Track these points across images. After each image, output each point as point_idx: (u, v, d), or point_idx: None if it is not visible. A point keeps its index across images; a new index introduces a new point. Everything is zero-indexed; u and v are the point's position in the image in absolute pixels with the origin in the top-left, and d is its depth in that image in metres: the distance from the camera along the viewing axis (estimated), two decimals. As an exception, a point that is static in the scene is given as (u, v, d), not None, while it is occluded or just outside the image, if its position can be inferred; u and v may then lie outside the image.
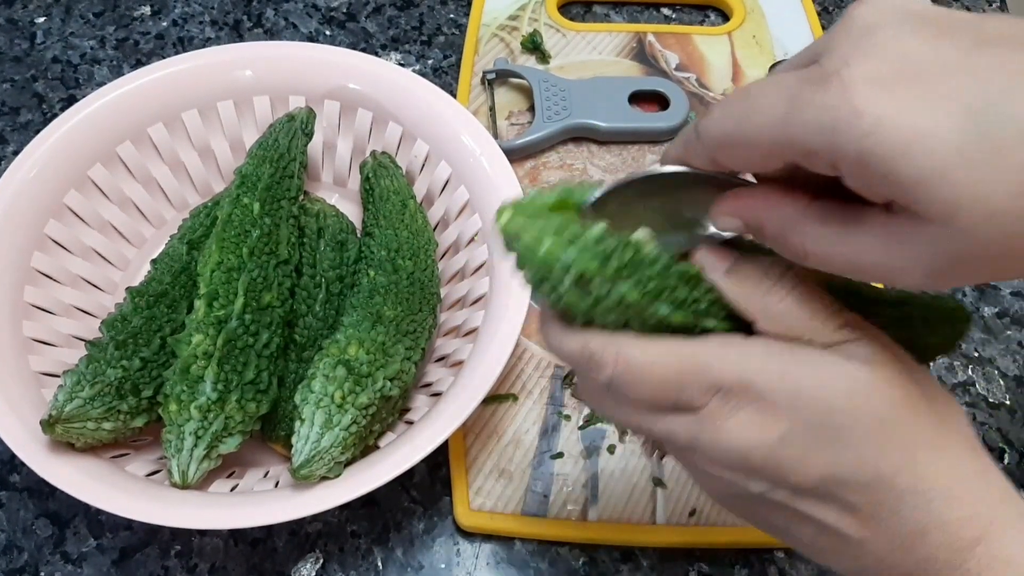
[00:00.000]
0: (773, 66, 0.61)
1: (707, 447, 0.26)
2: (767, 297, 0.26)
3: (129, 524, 0.45)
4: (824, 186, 0.24)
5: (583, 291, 0.27)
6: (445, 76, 0.63)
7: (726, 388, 0.26)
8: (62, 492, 0.38)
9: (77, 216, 0.48)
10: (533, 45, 0.62)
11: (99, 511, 0.43)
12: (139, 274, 0.49)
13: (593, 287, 0.26)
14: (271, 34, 0.65)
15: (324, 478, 0.39)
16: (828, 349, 0.25)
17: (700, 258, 0.28)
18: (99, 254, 0.50)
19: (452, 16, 0.66)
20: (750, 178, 0.28)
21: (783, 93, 0.22)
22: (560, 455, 0.47)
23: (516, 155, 0.57)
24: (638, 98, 0.60)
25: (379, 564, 0.44)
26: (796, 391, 0.25)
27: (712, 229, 0.29)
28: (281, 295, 0.44)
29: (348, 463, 0.40)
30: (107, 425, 0.40)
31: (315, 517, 0.45)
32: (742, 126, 0.24)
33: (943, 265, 0.22)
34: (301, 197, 0.50)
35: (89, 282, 0.49)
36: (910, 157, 0.20)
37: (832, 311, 0.26)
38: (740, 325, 0.28)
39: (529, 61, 0.62)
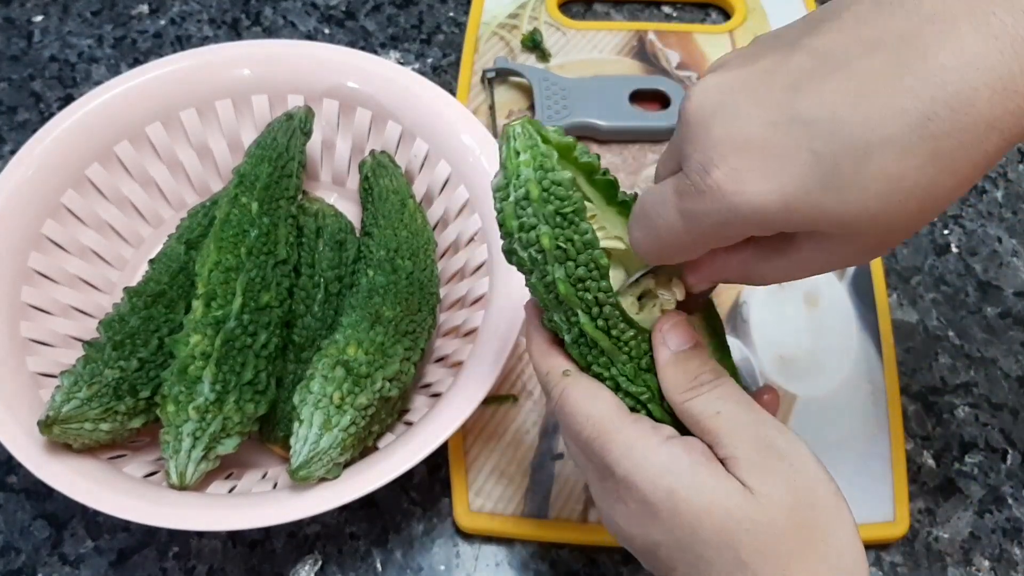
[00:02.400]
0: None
1: (602, 510, 0.32)
2: (688, 393, 0.31)
3: (127, 525, 0.45)
4: None
5: (520, 211, 0.31)
6: (445, 75, 0.63)
7: (617, 479, 0.30)
8: (59, 493, 0.37)
9: (74, 216, 0.48)
10: (533, 43, 0.62)
11: (97, 512, 0.43)
12: (137, 274, 0.49)
13: (526, 213, 0.31)
14: (269, 32, 0.65)
15: (323, 479, 0.39)
16: (725, 475, 0.28)
17: (661, 329, 0.32)
18: (97, 254, 0.49)
19: (452, 14, 0.66)
20: None
21: (675, 217, 0.27)
22: (560, 456, 0.46)
23: (516, 154, 0.56)
24: (639, 97, 0.59)
25: (378, 566, 0.44)
26: (675, 512, 0.28)
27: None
28: (279, 295, 0.44)
29: (347, 464, 0.40)
30: (104, 426, 0.40)
31: (314, 518, 0.45)
32: (663, 250, 0.29)
33: (866, 253, 0.27)
34: (300, 197, 0.50)
35: (87, 282, 0.49)
36: (790, 215, 0.25)
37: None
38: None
39: (529, 60, 0.62)
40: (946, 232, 0.56)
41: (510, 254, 0.32)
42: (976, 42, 0.22)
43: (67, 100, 0.60)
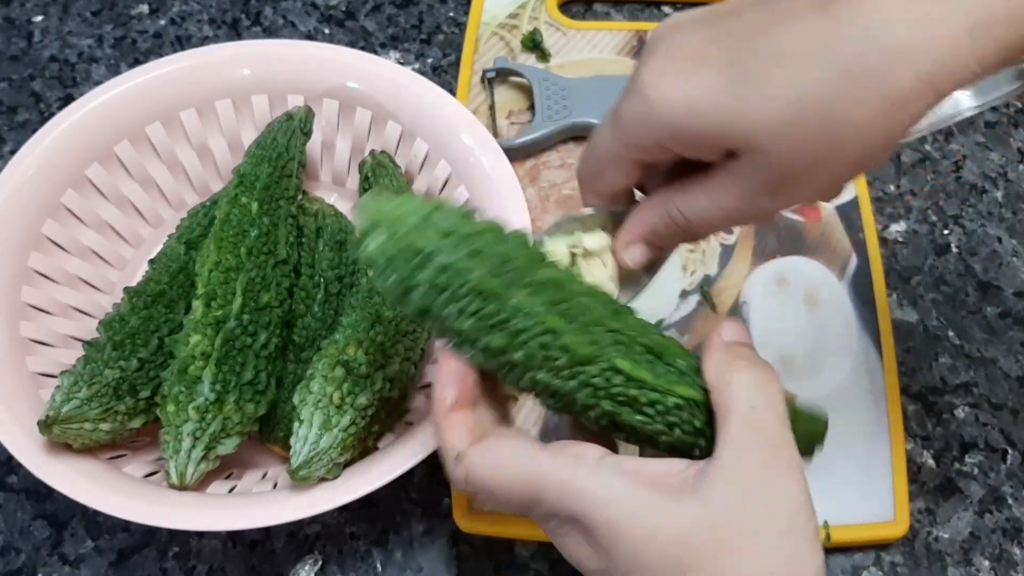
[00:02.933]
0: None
1: (556, 544, 0.31)
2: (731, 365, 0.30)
3: (127, 525, 0.44)
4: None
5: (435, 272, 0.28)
6: (444, 75, 0.63)
7: (561, 518, 0.29)
8: (59, 493, 0.37)
9: (74, 216, 0.48)
10: (533, 44, 0.62)
11: (97, 512, 0.43)
12: (137, 274, 0.49)
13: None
14: (269, 32, 0.65)
15: (323, 479, 0.39)
16: (672, 495, 0.27)
17: (726, 324, 0.32)
18: (96, 254, 0.49)
19: (452, 14, 0.66)
20: None
21: (607, 123, 0.29)
22: (560, 456, 0.46)
23: (516, 154, 0.56)
24: (639, 97, 0.59)
25: (378, 566, 0.44)
26: (616, 538, 0.27)
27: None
28: (279, 295, 0.44)
29: (347, 464, 0.40)
30: (104, 426, 0.40)
31: (314, 519, 0.45)
32: (594, 164, 0.31)
33: (771, 184, 0.27)
34: (300, 197, 0.50)
35: (86, 282, 0.49)
36: (694, 117, 0.26)
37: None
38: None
39: (529, 60, 0.62)
40: (946, 232, 0.56)
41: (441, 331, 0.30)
42: None
43: (67, 100, 0.60)
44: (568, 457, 0.29)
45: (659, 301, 0.52)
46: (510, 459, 0.30)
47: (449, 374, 0.31)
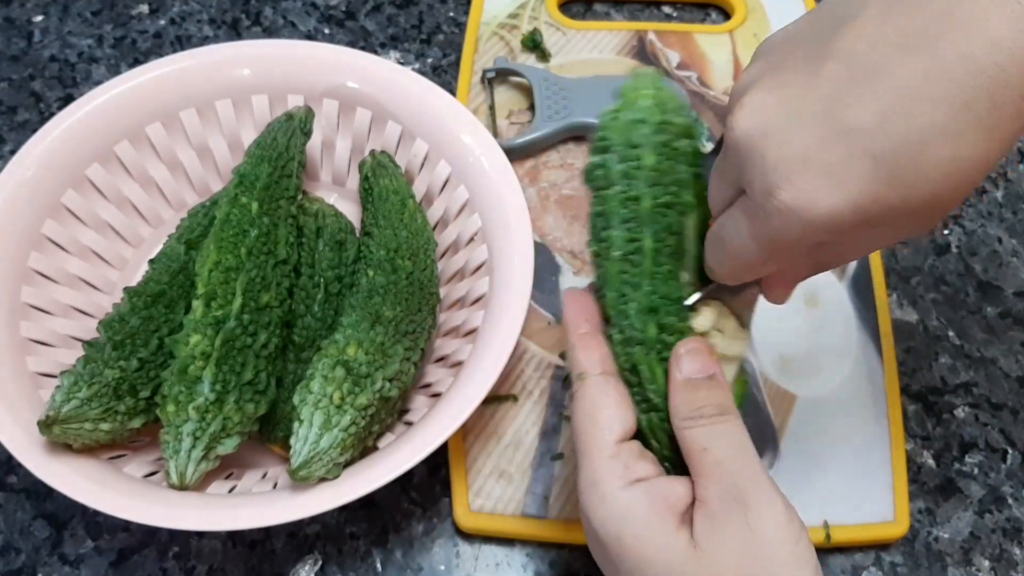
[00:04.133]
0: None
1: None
2: (687, 422, 0.32)
3: (127, 526, 0.45)
4: None
5: (631, 129, 0.33)
6: (445, 75, 0.63)
7: (584, 511, 0.32)
8: (59, 493, 0.37)
9: (74, 216, 0.48)
10: (533, 44, 0.62)
11: (97, 512, 0.43)
12: (137, 274, 0.49)
13: (638, 133, 0.33)
14: (269, 32, 0.65)
15: (323, 479, 0.39)
16: (675, 530, 0.30)
17: (677, 351, 0.33)
18: (97, 254, 0.49)
19: (452, 14, 0.66)
20: None
21: (749, 241, 0.29)
22: (560, 456, 0.46)
23: (516, 154, 0.56)
24: (639, 97, 0.59)
25: (378, 566, 0.44)
26: (620, 555, 0.30)
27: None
28: (279, 295, 0.44)
29: (347, 464, 0.40)
30: (104, 426, 0.40)
31: (314, 518, 0.45)
32: (740, 272, 0.32)
33: (926, 225, 0.28)
34: (300, 197, 0.50)
35: (87, 282, 0.49)
36: (862, 217, 0.26)
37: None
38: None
39: (529, 60, 0.62)
40: (946, 232, 0.56)
41: (595, 168, 0.34)
42: (1000, 26, 0.24)
43: (67, 100, 0.60)
44: (618, 464, 0.31)
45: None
46: (601, 418, 0.32)
47: (579, 303, 0.35)
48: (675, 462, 0.32)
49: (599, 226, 0.35)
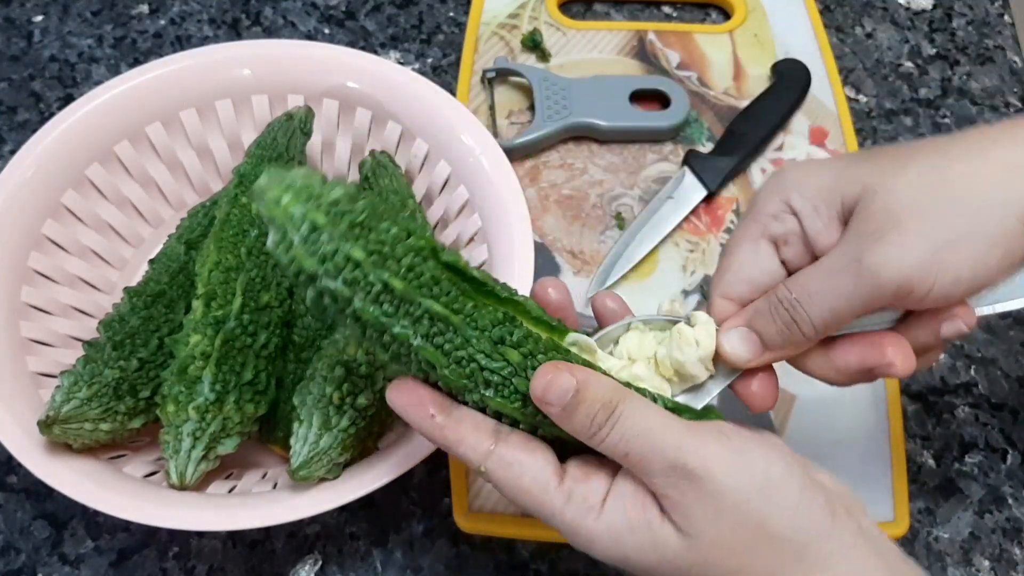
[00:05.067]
0: (775, 65, 0.61)
1: None
2: (593, 440, 0.30)
3: (127, 526, 0.45)
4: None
5: (311, 247, 0.28)
6: (445, 75, 0.63)
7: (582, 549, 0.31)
8: (59, 493, 0.37)
9: (74, 216, 0.48)
10: (533, 43, 0.62)
11: (97, 512, 0.43)
12: (137, 274, 0.49)
13: (320, 242, 0.28)
14: (269, 32, 0.65)
15: (323, 479, 0.39)
16: (660, 526, 0.29)
17: (538, 390, 0.30)
18: (97, 254, 0.49)
19: (452, 14, 0.66)
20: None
21: (853, 296, 0.30)
22: (560, 456, 0.46)
23: (516, 154, 0.56)
24: (639, 97, 0.59)
25: (378, 566, 0.44)
26: (632, 572, 0.30)
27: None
28: (279, 295, 0.44)
29: (347, 464, 0.40)
30: (104, 426, 0.40)
31: (314, 519, 0.45)
32: (841, 317, 0.31)
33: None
34: (300, 196, 0.50)
35: (87, 282, 0.49)
36: (914, 281, 0.29)
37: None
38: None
39: (529, 60, 0.62)
40: (946, 232, 0.56)
41: (321, 297, 0.30)
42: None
43: (67, 100, 0.60)
44: (577, 501, 0.30)
45: (659, 301, 0.52)
46: (531, 487, 0.30)
47: (410, 397, 0.31)
48: None
49: (374, 334, 0.30)
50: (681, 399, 0.33)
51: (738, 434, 0.30)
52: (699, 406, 0.33)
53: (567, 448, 0.31)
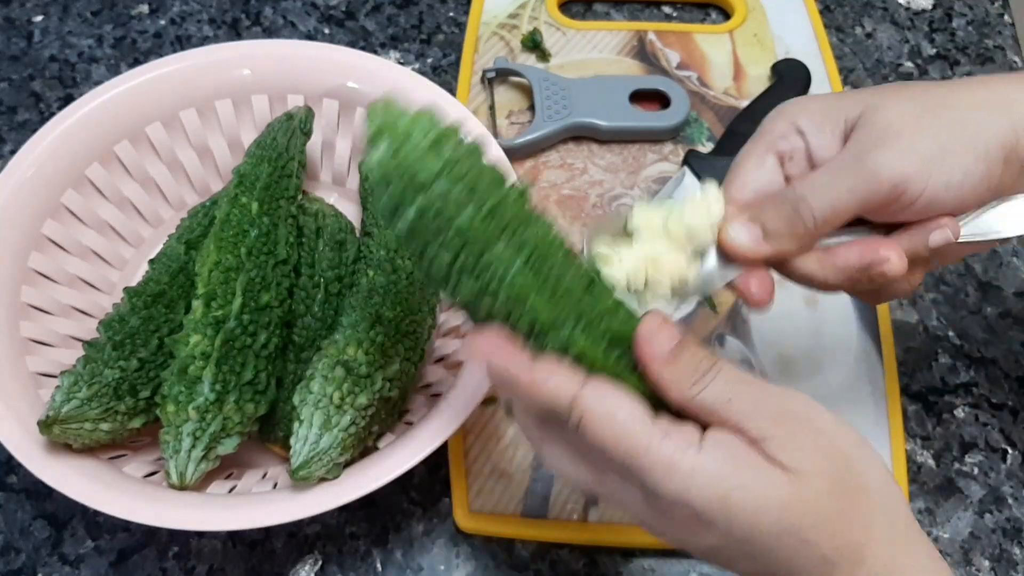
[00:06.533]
0: (775, 65, 0.61)
1: (649, 525, 0.31)
2: (695, 387, 0.30)
3: (127, 525, 0.45)
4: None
5: (436, 150, 0.28)
6: (445, 75, 0.63)
7: (673, 502, 0.28)
8: (60, 493, 0.37)
9: (74, 216, 0.48)
10: (533, 43, 0.62)
11: (97, 512, 0.43)
12: (137, 274, 0.49)
13: (446, 149, 0.28)
14: (269, 32, 0.65)
15: (323, 479, 0.39)
16: (767, 466, 0.28)
17: (646, 333, 0.30)
18: (97, 254, 0.49)
19: (452, 14, 0.66)
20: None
21: (854, 191, 0.33)
22: (560, 456, 0.46)
23: (516, 154, 0.56)
24: (639, 97, 0.59)
25: (378, 566, 0.44)
26: (729, 517, 0.28)
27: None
28: (279, 295, 0.44)
29: (347, 464, 0.40)
30: (104, 426, 0.40)
31: (314, 519, 0.45)
32: (841, 211, 0.33)
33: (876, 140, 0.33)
34: (300, 197, 0.50)
35: (87, 282, 0.49)
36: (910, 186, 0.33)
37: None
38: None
39: (529, 60, 0.62)
40: (946, 232, 0.56)
41: (423, 214, 0.28)
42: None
43: (67, 100, 0.60)
44: (676, 438, 0.29)
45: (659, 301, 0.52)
46: (622, 415, 0.29)
47: (493, 341, 0.30)
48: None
49: (470, 259, 0.29)
50: (691, 282, 0.34)
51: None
52: (703, 295, 0.35)
53: None
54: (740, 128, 0.57)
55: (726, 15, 0.66)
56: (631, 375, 0.30)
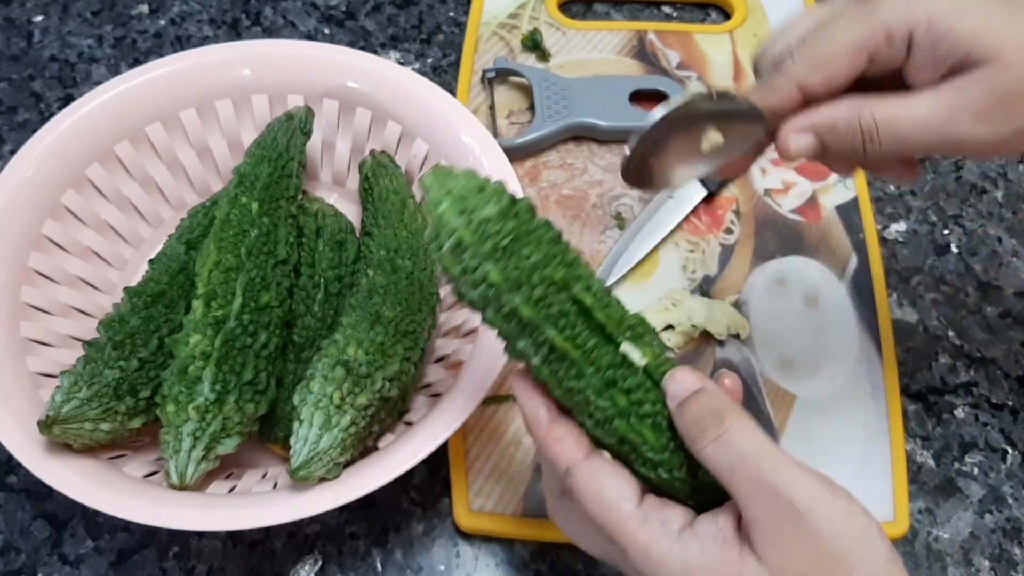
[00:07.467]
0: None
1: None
2: (696, 444, 0.30)
3: (127, 526, 0.45)
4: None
5: (457, 257, 0.30)
6: (445, 75, 0.63)
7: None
8: (59, 493, 0.37)
9: (74, 216, 0.48)
10: (533, 43, 0.62)
11: (97, 512, 0.43)
12: (137, 274, 0.49)
13: (465, 257, 0.30)
14: (269, 32, 0.65)
15: (323, 479, 0.39)
16: (739, 563, 0.28)
17: (666, 384, 0.31)
18: (97, 254, 0.49)
19: (452, 14, 0.66)
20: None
21: (862, 4, 0.30)
22: (560, 456, 0.46)
23: (516, 154, 0.56)
24: (639, 97, 0.59)
25: (378, 566, 0.44)
26: None
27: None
28: (279, 295, 0.44)
29: (347, 464, 0.40)
30: (104, 426, 0.40)
31: (314, 518, 0.45)
32: (830, 43, 0.31)
33: (991, 102, 0.29)
34: (300, 197, 0.50)
35: (87, 282, 0.49)
36: (964, 17, 0.29)
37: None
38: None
39: (529, 60, 0.62)
40: (946, 232, 0.56)
41: (460, 295, 0.32)
42: None
43: (67, 100, 0.60)
44: (653, 524, 0.30)
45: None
46: (612, 501, 0.30)
47: (529, 391, 0.33)
48: (700, 501, 0.31)
49: (503, 339, 0.32)
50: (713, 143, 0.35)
51: (840, 486, 0.29)
52: (731, 157, 0.36)
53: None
54: (740, 128, 0.57)
55: (726, 15, 0.66)
56: (641, 463, 0.32)
